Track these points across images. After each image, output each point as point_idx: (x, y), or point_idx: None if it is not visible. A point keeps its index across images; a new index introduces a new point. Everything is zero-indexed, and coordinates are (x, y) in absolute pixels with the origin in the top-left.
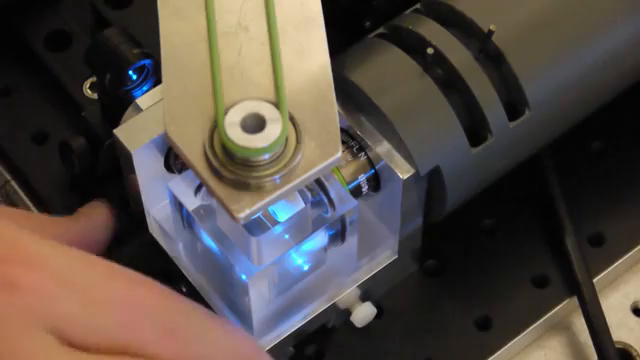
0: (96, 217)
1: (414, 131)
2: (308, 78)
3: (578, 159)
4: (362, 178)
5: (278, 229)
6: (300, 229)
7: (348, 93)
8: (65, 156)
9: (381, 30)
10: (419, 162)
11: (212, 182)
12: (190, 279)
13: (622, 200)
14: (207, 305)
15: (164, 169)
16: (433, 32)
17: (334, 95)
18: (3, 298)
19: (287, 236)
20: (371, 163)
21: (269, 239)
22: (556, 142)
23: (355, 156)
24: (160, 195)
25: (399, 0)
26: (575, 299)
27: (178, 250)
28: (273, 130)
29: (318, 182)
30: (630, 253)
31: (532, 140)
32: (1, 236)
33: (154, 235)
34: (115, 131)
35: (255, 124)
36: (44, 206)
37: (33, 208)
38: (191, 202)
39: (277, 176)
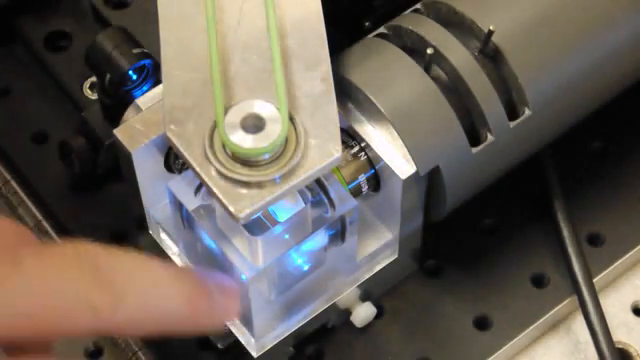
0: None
1: (414, 131)
2: (308, 78)
3: (578, 159)
4: (362, 178)
5: (278, 229)
6: (300, 229)
7: (348, 93)
8: (65, 156)
9: (381, 30)
10: (419, 162)
11: (212, 182)
12: None
13: (622, 200)
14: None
15: (164, 169)
16: (433, 32)
17: (334, 95)
18: None
19: (287, 236)
20: (371, 163)
21: (269, 239)
22: (556, 142)
23: (355, 156)
24: (160, 195)
25: (399, 0)
26: (575, 299)
27: (178, 250)
28: (273, 130)
29: (318, 182)
30: (630, 253)
31: (532, 140)
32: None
33: (154, 235)
34: (115, 131)
35: (255, 124)
36: (44, 206)
37: (33, 208)
38: (191, 202)
39: (277, 176)
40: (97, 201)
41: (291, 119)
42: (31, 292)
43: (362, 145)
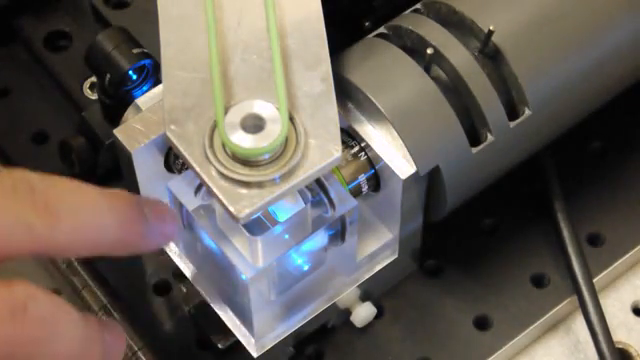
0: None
1: (414, 131)
2: (308, 78)
3: (578, 159)
4: (362, 178)
5: (278, 229)
6: (300, 229)
7: (348, 93)
8: (65, 156)
9: (381, 30)
10: (418, 162)
11: (212, 182)
12: (190, 279)
13: (622, 200)
14: (208, 305)
15: (164, 169)
16: (433, 32)
17: (334, 95)
18: None
19: (287, 236)
20: (371, 163)
21: (269, 239)
22: (556, 142)
23: (355, 156)
24: (160, 195)
25: (399, 0)
26: (575, 299)
27: (178, 250)
28: (273, 130)
29: (318, 182)
30: (630, 253)
31: (532, 140)
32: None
33: None
34: (115, 131)
35: (255, 124)
36: None
37: None
38: (191, 202)
39: (277, 176)
40: None
41: (291, 119)
42: None
43: (362, 145)
